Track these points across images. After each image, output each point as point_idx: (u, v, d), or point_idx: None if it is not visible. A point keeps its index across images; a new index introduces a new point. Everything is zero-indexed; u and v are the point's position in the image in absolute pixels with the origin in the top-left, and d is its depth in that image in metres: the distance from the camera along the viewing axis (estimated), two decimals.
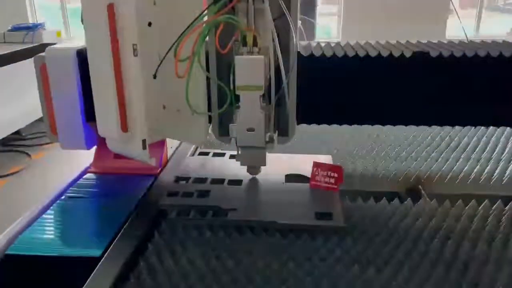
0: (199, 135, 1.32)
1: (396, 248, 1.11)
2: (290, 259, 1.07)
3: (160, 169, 1.49)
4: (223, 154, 1.60)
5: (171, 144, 1.63)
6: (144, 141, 1.17)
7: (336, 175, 1.32)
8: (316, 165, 1.34)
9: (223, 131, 1.32)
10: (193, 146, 1.70)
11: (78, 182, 1.44)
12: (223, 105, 1.23)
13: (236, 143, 1.26)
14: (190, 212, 1.25)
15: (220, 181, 1.39)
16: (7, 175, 3.76)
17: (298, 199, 1.28)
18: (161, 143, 1.51)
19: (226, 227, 1.18)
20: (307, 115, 1.42)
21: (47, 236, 1.14)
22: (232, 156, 1.53)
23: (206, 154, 1.63)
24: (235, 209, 1.22)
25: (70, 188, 1.40)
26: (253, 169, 1.37)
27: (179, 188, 1.35)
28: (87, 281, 0.97)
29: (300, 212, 1.21)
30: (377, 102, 1.43)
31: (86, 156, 1.53)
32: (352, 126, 1.57)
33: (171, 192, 1.33)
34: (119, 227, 1.18)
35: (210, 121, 1.35)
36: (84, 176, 1.48)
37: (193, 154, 1.64)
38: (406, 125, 1.58)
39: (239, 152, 1.32)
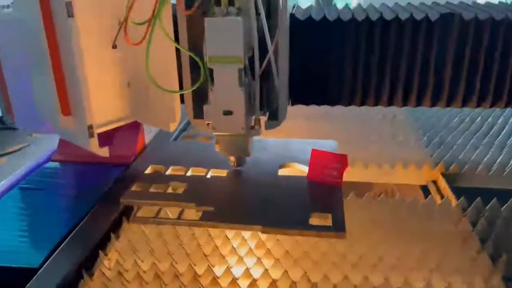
0: (169, 118, 1.09)
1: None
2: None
3: (134, 157, 1.27)
4: (209, 138, 1.37)
5: (151, 127, 1.40)
6: (90, 128, 0.94)
7: (339, 166, 1.07)
8: (316, 153, 1.10)
9: (199, 113, 1.08)
10: (179, 129, 1.47)
11: (37, 171, 1.23)
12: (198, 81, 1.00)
13: (212, 130, 1.03)
14: (159, 211, 1.02)
15: (202, 172, 1.16)
16: (6, 153, 3.61)
17: (291, 197, 1.04)
18: (136, 127, 1.28)
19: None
20: (303, 94, 1.17)
21: None
22: None
23: (193, 137, 1.40)
24: (212, 210, 0.99)
25: (26, 178, 1.19)
26: (238, 160, 1.13)
27: (151, 180, 1.12)
28: None
29: (291, 214, 0.97)
30: (394, 77, 1.16)
31: None
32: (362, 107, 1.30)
33: (139, 185, 1.10)
34: (69, 229, 0.96)
35: (182, 101, 1.11)
36: (45, 165, 1.26)
37: (176, 139, 1.41)
38: (432, 106, 1.29)
39: (217, 141, 1.09)
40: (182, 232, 0.97)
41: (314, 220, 0.96)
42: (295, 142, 1.31)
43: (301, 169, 1.17)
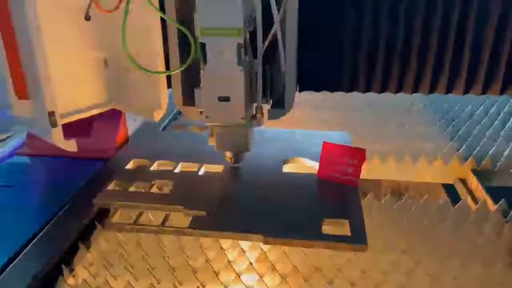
0: (154, 105, 0.92)
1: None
2: None
3: (114, 150, 1.09)
4: (203, 128, 1.19)
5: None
6: (52, 115, 0.76)
7: (356, 161, 0.90)
8: (328, 147, 0.92)
9: (189, 99, 0.91)
10: (169, 118, 1.30)
11: (2, 166, 1.06)
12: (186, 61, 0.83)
13: (205, 119, 0.86)
14: (140, 216, 0.85)
15: (193, 168, 0.99)
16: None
17: (298, 199, 0.87)
18: (116, 115, 1.10)
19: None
20: (313, 78, 0.99)
21: None
22: None
23: (185, 127, 1.23)
24: (203, 215, 0.82)
25: None
26: (235, 157, 0.95)
27: (132, 177, 0.95)
28: None
29: (300, 220, 0.80)
30: (420, 62, 0.97)
31: None
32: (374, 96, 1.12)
33: (118, 183, 0.93)
34: (29, 236, 0.79)
35: (170, 85, 0.94)
36: (13, 159, 1.09)
37: (164, 128, 1.24)
38: (466, 93, 1.06)
39: (211, 134, 0.92)
40: (167, 241, 0.80)
41: (328, 228, 0.79)
42: (302, 133, 1.14)
43: (310, 165, 1.00)
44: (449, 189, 1.11)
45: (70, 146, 0.83)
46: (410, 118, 1.32)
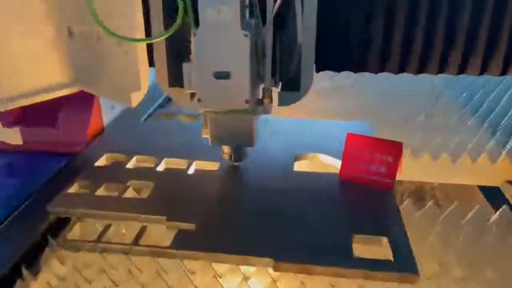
0: (131, 86, 0.71)
1: None
2: None
3: (83, 143, 0.88)
4: (195, 117, 0.99)
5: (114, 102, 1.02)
6: None
7: (390, 158, 0.69)
8: (353, 140, 0.72)
9: (177, 78, 0.71)
10: (156, 104, 1.09)
11: None
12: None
13: (197, 105, 0.65)
14: (107, 229, 0.64)
15: (181, 166, 0.78)
16: None
17: (317, 206, 0.66)
18: (88, 101, 0.90)
19: None
20: (331, 56, 0.79)
21: None
22: None
23: (172, 115, 1.02)
24: (192, 229, 0.61)
25: None
26: (235, 153, 0.75)
27: (102, 177, 0.74)
28: None
29: (321, 237, 0.59)
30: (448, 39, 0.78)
31: None
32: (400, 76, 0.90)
33: (82, 185, 0.72)
34: None
35: (152, 63, 0.74)
36: None
37: (148, 117, 1.03)
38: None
39: (205, 123, 0.71)
40: (143, 265, 0.59)
41: (359, 248, 0.58)
42: (315, 124, 0.93)
43: (328, 163, 0.80)
44: (487, 193, 0.91)
45: (13, 137, 0.63)
46: (439, 108, 1.12)
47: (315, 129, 0.91)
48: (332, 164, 0.79)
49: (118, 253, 0.59)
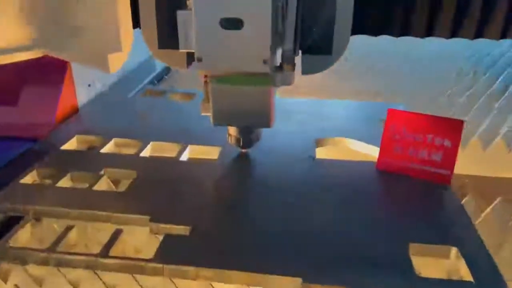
0: (108, 47, 0.55)
1: None
2: None
3: (52, 126, 0.71)
4: (191, 96, 0.82)
5: (94, 77, 0.84)
6: None
7: (449, 143, 0.53)
8: (396, 116, 0.55)
9: (169, 35, 0.54)
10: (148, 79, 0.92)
11: None
12: None
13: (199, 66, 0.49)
14: (66, 233, 0.47)
15: (171, 151, 0.62)
16: None
17: (353, 206, 0.50)
18: (57, 75, 0.73)
19: None
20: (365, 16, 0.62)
21: None
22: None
23: (162, 94, 0.85)
24: (185, 234, 0.44)
25: None
26: (245, 136, 0.57)
27: (69, 164, 0.57)
28: None
29: (366, 248, 0.42)
30: None
31: None
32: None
33: (42, 175, 0.55)
34: None
35: (138, 23, 0.57)
36: None
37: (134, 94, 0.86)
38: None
39: (206, 95, 0.54)
40: (115, 283, 0.42)
41: (421, 264, 0.41)
42: (335, 104, 0.77)
43: (358, 149, 0.63)
44: None
45: None
46: (480, 87, 0.95)
47: (335, 109, 0.74)
48: (363, 150, 0.62)
49: (81, 267, 0.42)
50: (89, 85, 0.83)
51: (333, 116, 0.72)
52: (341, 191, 0.52)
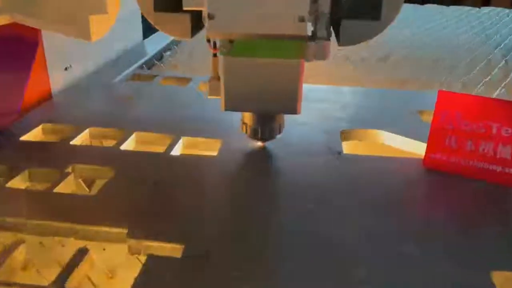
0: (93, 6, 0.43)
1: None
2: None
3: (18, 114, 0.59)
4: (187, 79, 0.69)
5: (73, 59, 0.71)
6: None
7: None
8: (449, 101, 0.43)
9: None
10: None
11: None
12: None
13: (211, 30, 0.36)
14: (16, 248, 0.34)
15: (159, 145, 0.49)
16: None
17: (399, 218, 0.37)
18: (26, 52, 0.60)
19: None
20: None
21: None
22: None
23: (152, 78, 0.72)
24: (174, 256, 0.31)
25: None
26: (264, 126, 0.44)
27: (28, 158, 0.44)
28: None
29: (427, 280, 0.30)
30: None
31: None
32: None
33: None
34: None
35: None
36: None
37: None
38: None
39: (214, 71, 0.41)
40: None
41: None
42: (356, 92, 0.65)
43: (394, 144, 0.50)
44: None
45: None
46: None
47: (358, 98, 0.62)
48: (399, 145, 0.50)
49: None
50: (65, 69, 0.70)
51: (358, 105, 0.60)
52: (380, 198, 0.39)
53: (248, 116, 0.45)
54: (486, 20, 1.27)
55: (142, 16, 0.85)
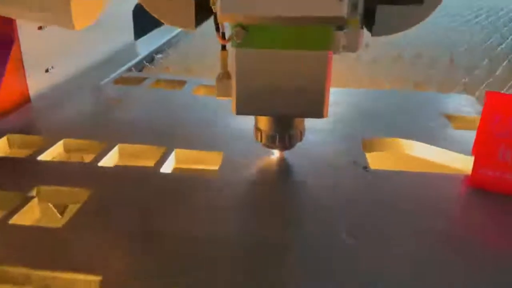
0: None
1: None
2: None
3: None
4: (182, 82, 0.61)
5: (54, 59, 0.63)
6: None
7: None
8: (499, 101, 0.35)
9: None
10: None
11: None
12: None
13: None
14: None
15: (147, 159, 0.41)
16: None
17: (447, 253, 0.29)
18: (1, 48, 0.53)
19: None
20: None
21: None
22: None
23: (142, 81, 0.64)
24: None
25: None
26: (283, 131, 0.37)
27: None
28: None
29: None
30: None
31: None
32: None
33: None
34: None
35: None
36: None
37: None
38: None
39: (224, 66, 0.34)
40: None
41: None
42: (382, 94, 0.57)
43: (428, 156, 0.42)
44: None
45: None
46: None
47: (378, 100, 0.54)
48: (431, 156, 0.42)
49: None
50: (46, 70, 0.62)
51: (375, 109, 0.52)
52: (438, 228, 0.31)
53: (263, 121, 0.37)
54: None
55: (134, 16, 0.76)
